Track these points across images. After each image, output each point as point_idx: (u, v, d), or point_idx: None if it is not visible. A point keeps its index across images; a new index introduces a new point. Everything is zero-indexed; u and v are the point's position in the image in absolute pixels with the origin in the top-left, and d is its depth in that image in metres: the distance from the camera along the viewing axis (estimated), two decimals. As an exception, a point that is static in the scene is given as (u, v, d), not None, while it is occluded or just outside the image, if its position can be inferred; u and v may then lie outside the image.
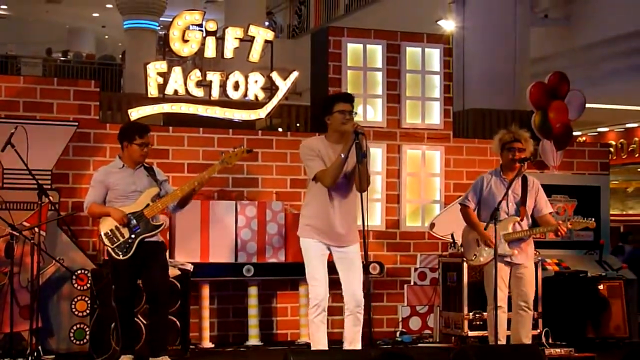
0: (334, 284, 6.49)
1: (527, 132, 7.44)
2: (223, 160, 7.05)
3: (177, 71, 8.88)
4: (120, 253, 6.84)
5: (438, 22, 12.95)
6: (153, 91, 8.82)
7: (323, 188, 6.28)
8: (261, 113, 9.21)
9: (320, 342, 6.25)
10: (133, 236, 6.86)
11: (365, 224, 5.92)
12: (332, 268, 6.41)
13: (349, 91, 8.87)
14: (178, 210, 7.24)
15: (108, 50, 27.49)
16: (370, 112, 9.51)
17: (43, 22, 27.01)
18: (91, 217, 7.00)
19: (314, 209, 6.35)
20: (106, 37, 29.08)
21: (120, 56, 24.16)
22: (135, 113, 8.79)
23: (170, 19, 9.12)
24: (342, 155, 6.13)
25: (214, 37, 9.06)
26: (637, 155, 17.06)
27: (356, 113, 6.41)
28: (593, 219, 7.19)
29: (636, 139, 17.13)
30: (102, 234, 6.89)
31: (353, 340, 6.28)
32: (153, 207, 6.92)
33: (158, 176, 7.13)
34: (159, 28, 22.30)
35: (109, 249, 6.87)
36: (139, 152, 7.01)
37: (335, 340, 6.64)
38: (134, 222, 6.87)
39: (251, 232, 8.71)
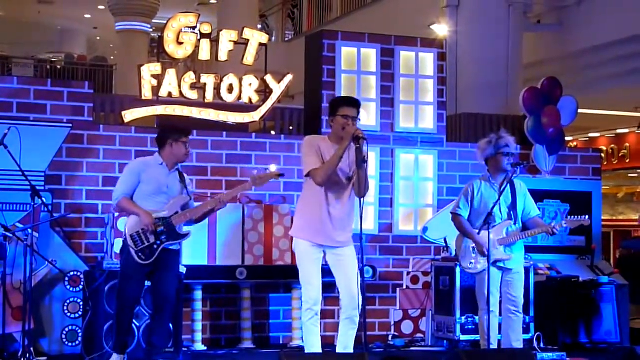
0: (327, 288, 6.48)
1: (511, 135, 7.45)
2: (255, 180, 6.96)
3: (171, 73, 8.88)
4: (143, 257, 6.76)
5: (431, 27, 12.93)
6: (147, 93, 8.82)
7: (320, 188, 6.22)
8: (255, 116, 9.23)
9: (314, 345, 6.24)
10: (158, 242, 6.79)
11: (363, 229, 5.86)
12: (324, 272, 6.40)
13: (342, 94, 8.92)
14: (191, 225, 7.08)
15: (99, 51, 27.43)
16: (364, 116, 9.50)
17: (35, 23, 26.92)
18: (117, 210, 6.87)
19: (309, 208, 6.28)
20: (98, 38, 28.99)
21: (112, 57, 24.15)
22: (129, 115, 8.79)
23: (163, 21, 9.14)
24: (339, 155, 6.07)
25: (208, 40, 9.07)
26: (627, 161, 17.10)
27: (359, 120, 6.35)
28: (587, 217, 7.23)
29: (627, 144, 17.18)
30: (129, 235, 6.80)
31: (347, 345, 6.27)
32: (181, 216, 6.85)
33: (189, 187, 7.07)
34: (151, 30, 22.28)
35: (132, 250, 6.76)
36: (184, 151, 6.93)
37: (328, 344, 6.65)
38: (161, 229, 6.79)
39: (258, 234, 8.68)
